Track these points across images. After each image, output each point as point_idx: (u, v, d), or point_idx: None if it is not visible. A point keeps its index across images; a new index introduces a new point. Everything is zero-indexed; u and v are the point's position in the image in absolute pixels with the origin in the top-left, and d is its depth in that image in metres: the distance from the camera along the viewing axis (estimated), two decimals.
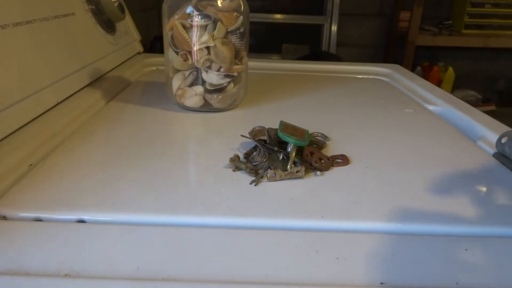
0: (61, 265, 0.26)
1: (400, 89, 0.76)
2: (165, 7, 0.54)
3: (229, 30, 0.53)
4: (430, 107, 0.65)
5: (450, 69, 2.24)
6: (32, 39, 0.52)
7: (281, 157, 0.41)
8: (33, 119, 0.48)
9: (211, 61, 0.53)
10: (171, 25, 0.53)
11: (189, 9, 0.52)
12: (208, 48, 0.52)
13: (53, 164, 0.40)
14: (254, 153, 0.42)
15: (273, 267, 0.27)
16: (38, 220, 0.32)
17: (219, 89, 0.55)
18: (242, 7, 0.54)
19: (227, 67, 0.54)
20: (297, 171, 0.39)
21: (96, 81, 0.67)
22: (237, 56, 0.55)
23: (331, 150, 0.46)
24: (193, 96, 0.55)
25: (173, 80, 0.56)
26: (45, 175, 0.38)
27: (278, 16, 2.18)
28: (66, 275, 0.26)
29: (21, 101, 0.46)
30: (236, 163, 0.40)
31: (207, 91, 0.55)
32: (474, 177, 0.41)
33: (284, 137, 0.41)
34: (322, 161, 0.41)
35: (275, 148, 0.42)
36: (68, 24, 0.62)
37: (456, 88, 2.33)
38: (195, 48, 0.52)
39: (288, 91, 0.70)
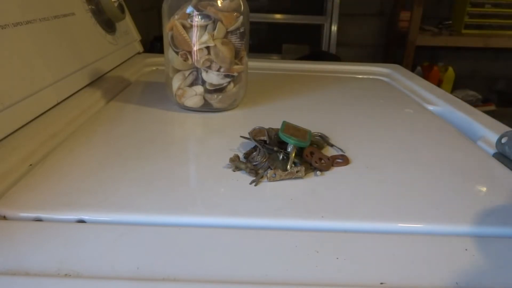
0: (61, 265, 0.26)
1: (400, 89, 0.76)
2: (165, 7, 0.54)
3: (229, 30, 0.53)
4: (430, 107, 0.65)
5: (450, 69, 2.24)
6: (32, 39, 0.52)
7: (281, 157, 0.41)
8: (33, 119, 0.48)
9: (211, 61, 0.53)
10: (171, 25, 0.53)
11: (189, 9, 0.52)
12: (208, 48, 0.52)
13: (53, 164, 0.40)
14: (254, 153, 0.42)
15: (273, 267, 0.27)
16: (38, 220, 0.32)
17: (219, 89, 0.55)
18: (242, 7, 0.54)
19: (227, 67, 0.54)
20: (297, 171, 0.39)
21: (96, 81, 0.67)
22: (237, 56, 0.55)
23: (331, 150, 0.46)
24: (193, 96, 0.55)
25: (173, 80, 0.56)
26: (45, 175, 0.38)
27: (278, 16, 2.18)
28: (66, 275, 0.26)
29: (21, 101, 0.46)
30: (236, 163, 0.40)
31: (207, 91, 0.55)
32: (474, 177, 0.41)
33: (284, 137, 0.41)
34: (322, 161, 0.41)
35: (275, 148, 0.42)
36: (68, 24, 0.62)
37: (456, 88, 2.33)
38: (195, 48, 0.52)
39: (288, 91, 0.70)
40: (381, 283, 0.26)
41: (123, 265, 0.27)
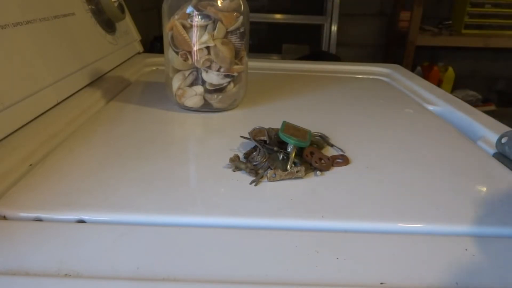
0: (61, 265, 0.26)
1: (400, 89, 0.76)
2: (165, 7, 0.54)
3: (229, 30, 0.53)
4: (430, 107, 0.65)
5: (450, 69, 2.24)
6: (32, 39, 0.52)
7: (281, 157, 0.41)
8: (33, 119, 0.48)
9: (211, 61, 0.53)
10: (171, 25, 0.53)
11: (189, 9, 0.52)
12: (208, 48, 0.52)
13: (53, 164, 0.40)
14: (254, 153, 0.42)
15: (273, 267, 0.27)
16: (38, 220, 0.32)
17: (219, 89, 0.55)
18: (242, 7, 0.54)
19: (227, 67, 0.54)
20: (297, 171, 0.39)
21: (96, 81, 0.67)
22: (237, 56, 0.55)
23: (331, 150, 0.46)
24: (193, 96, 0.55)
25: (173, 80, 0.56)
26: (45, 175, 0.38)
27: (278, 16, 2.18)
28: (66, 275, 0.26)
29: (21, 101, 0.46)
30: (236, 163, 0.40)
31: (207, 91, 0.55)
32: (474, 177, 0.41)
33: (284, 137, 0.41)
34: (322, 161, 0.41)
35: (275, 148, 0.42)
36: (68, 24, 0.62)
37: (456, 88, 2.33)
38: (195, 48, 0.52)
39: (288, 91, 0.70)
40: (381, 283, 0.26)
41: (123, 265, 0.27)
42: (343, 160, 0.43)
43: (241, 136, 0.47)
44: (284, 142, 0.42)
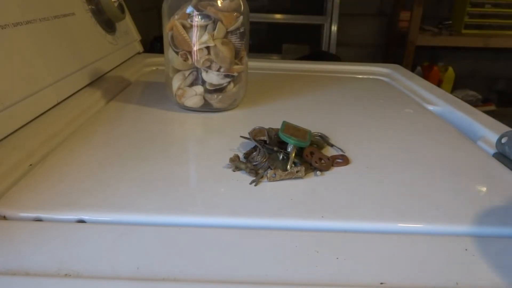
0: (61, 265, 0.26)
1: (400, 89, 0.76)
2: (165, 7, 0.54)
3: (229, 30, 0.53)
4: (430, 107, 0.65)
5: (450, 69, 2.24)
6: (32, 39, 0.52)
7: (281, 157, 0.41)
8: (33, 119, 0.48)
9: (211, 61, 0.53)
10: (171, 25, 0.53)
11: (189, 9, 0.52)
12: (208, 48, 0.52)
13: (53, 164, 0.40)
14: (254, 153, 0.42)
15: (273, 267, 0.27)
16: (38, 220, 0.32)
17: (219, 89, 0.55)
18: (242, 7, 0.54)
19: (227, 67, 0.54)
20: (297, 171, 0.39)
21: (96, 81, 0.67)
22: (237, 56, 0.55)
23: (331, 150, 0.46)
24: (193, 96, 0.55)
25: (173, 80, 0.56)
26: (45, 175, 0.38)
27: (278, 16, 2.18)
28: (66, 275, 0.26)
29: (21, 101, 0.46)
30: (236, 163, 0.40)
31: (207, 91, 0.55)
32: (474, 177, 0.41)
33: (284, 137, 0.41)
34: (322, 161, 0.41)
35: (275, 148, 0.42)
36: (68, 24, 0.62)
37: (456, 88, 2.33)
38: (195, 48, 0.52)
39: (288, 91, 0.70)
40: (381, 283, 0.26)
41: (123, 265, 0.27)
42: (343, 160, 0.43)
43: (241, 136, 0.47)
44: (284, 142, 0.42)
